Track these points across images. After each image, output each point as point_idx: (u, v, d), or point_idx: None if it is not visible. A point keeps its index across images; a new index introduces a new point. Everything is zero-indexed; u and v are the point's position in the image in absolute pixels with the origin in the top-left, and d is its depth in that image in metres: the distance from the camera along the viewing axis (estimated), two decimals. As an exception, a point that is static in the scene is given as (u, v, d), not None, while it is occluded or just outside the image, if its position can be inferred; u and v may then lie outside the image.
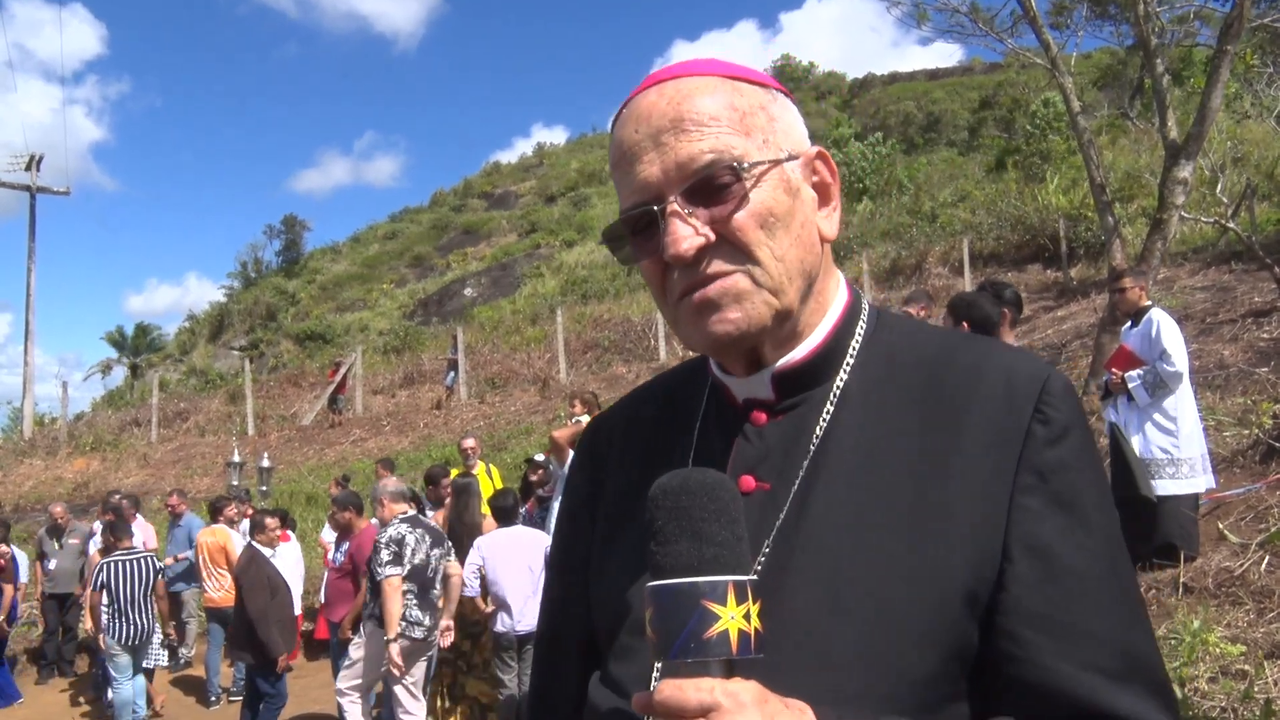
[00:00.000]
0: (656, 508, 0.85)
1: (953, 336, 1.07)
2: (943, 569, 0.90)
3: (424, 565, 6.30)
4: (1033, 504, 0.92)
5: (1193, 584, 5.71)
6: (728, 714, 0.76)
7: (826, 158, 1.04)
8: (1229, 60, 10.85)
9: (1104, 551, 0.93)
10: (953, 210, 25.10)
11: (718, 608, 0.78)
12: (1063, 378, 0.98)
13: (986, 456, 0.94)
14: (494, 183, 62.38)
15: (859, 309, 1.07)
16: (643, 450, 1.12)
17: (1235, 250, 15.26)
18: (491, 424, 19.06)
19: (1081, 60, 20.17)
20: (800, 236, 0.99)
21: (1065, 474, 0.93)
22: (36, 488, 21.03)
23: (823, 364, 1.03)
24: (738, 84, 1.00)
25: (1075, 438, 0.95)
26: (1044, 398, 0.95)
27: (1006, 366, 0.98)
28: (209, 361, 44.59)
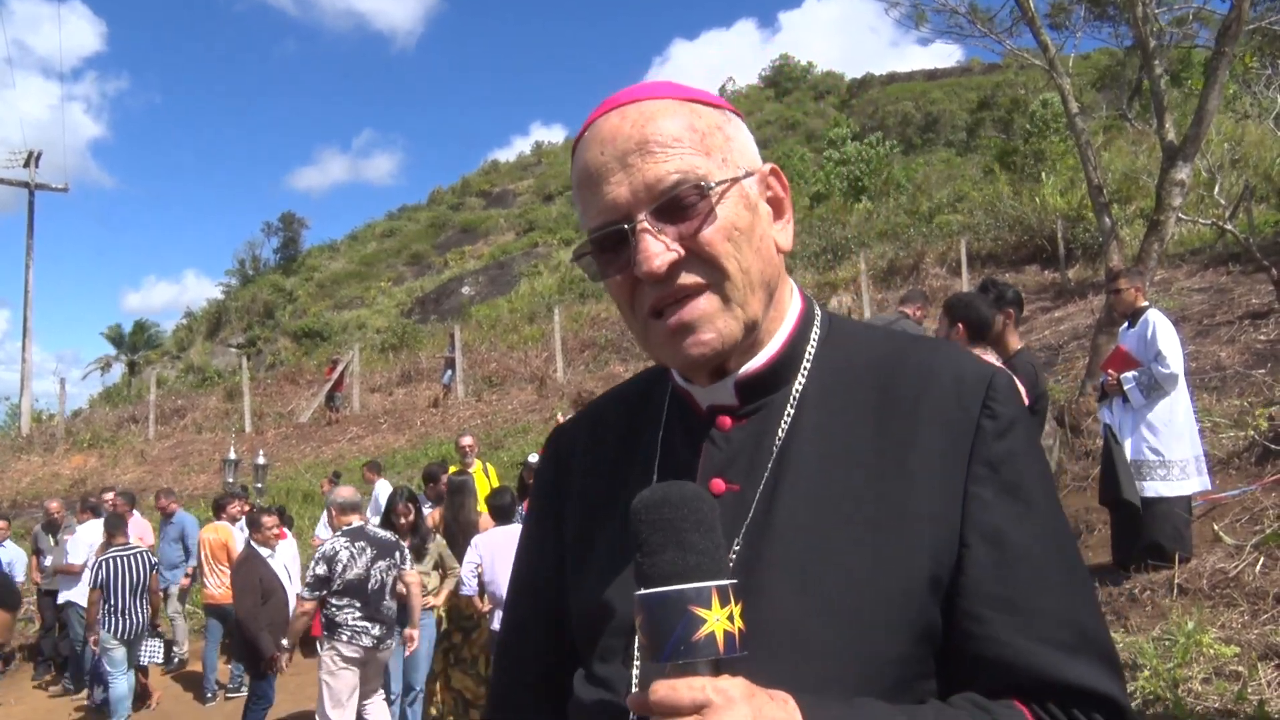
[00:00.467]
0: (640, 521, 0.89)
1: (902, 339, 1.13)
2: (906, 557, 0.96)
3: (362, 578, 6.25)
4: (985, 493, 0.99)
5: (1187, 585, 5.73)
6: (719, 710, 0.81)
7: (779, 173, 1.10)
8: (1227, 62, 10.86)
9: (1051, 534, 1.01)
10: (950, 211, 25.12)
11: (704, 612, 0.83)
12: (1006, 375, 1.06)
13: (940, 450, 1.00)
14: (492, 181, 62.40)
15: (813, 315, 1.13)
16: (608, 457, 1.17)
17: (1233, 252, 15.28)
18: (489, 422, 19.06)
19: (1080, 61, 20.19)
20: (760, 249, 1.03)
21: (1013, 464, 1.00)
22: (34, 484, 21.02)
23: (782, 369, 1.08)
24: (695, 106, 1.04)
25: (1020, 430, 1.02)
26: (990, 394, 1.02)
27: (954, 367, 1.05)
28: (206, 359, 44.59)
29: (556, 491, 1.22)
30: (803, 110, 58.39)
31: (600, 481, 1.16)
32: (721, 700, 0.81)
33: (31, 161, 30.81)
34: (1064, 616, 0.97)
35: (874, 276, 21.76)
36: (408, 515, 7.22)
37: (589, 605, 1.09)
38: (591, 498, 1.16)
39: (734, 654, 0.83)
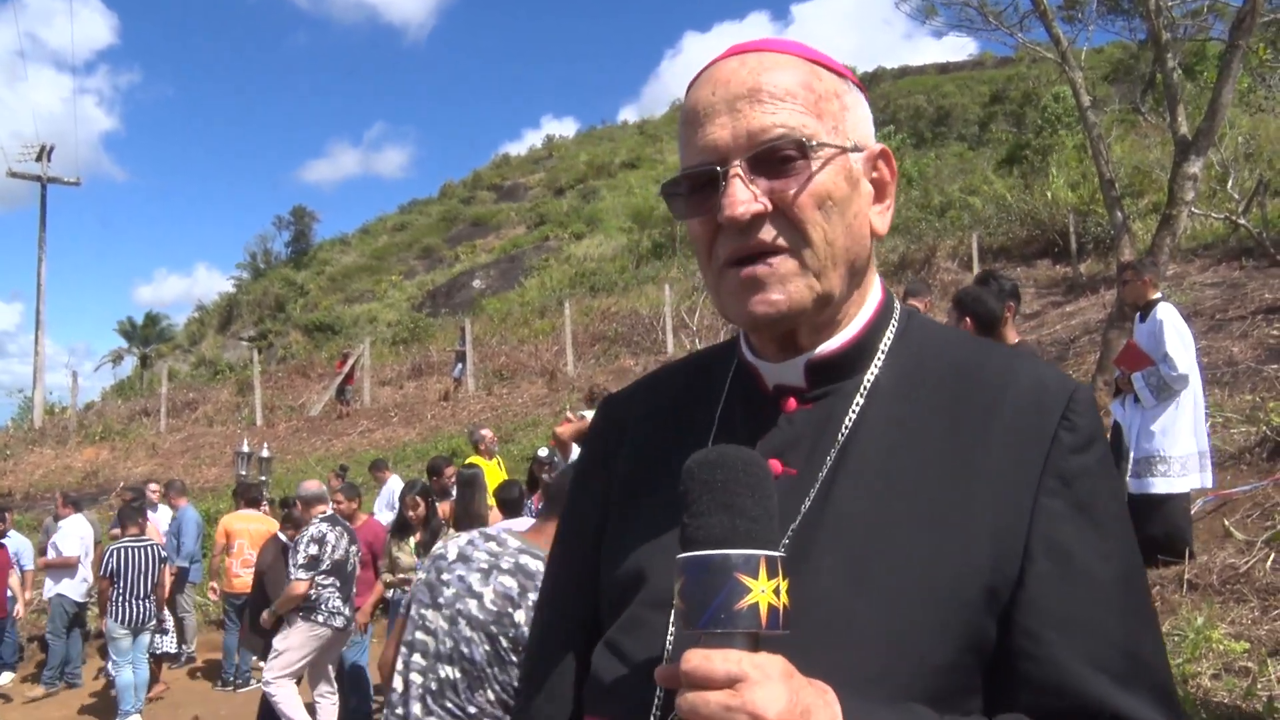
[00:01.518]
0: (691, 480, 0.86)
1: (980, 344, 1.11)
2: (965, 561, 0.93)
3: (344, 560, 6.65)
4: (1055, 506, 0.95)
5: (1197, 580, 5.70)
6: (755, 685, 0.77)
7: (889, 156, 1.07)
8: (1241, 55, 10.79)
9: (1120, 559, 0.96)
10: (962, 205, 25.04)
11: (749, 580, 0.79)
12: (1089, 390, 1.02)
13: (1012, 459, 0.96)
14: (503, 175, 62.43)
15: (892, 307, 1.10)
16: (662, 427, 1.13)
17: (1246, 246, 15.19)
18: (499, 416, 19.09)
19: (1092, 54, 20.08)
20: (852, 226, 1.01)
21: (1087, 481, 0.96)
22: (46, 476, 21.16)
23: (856, 356, 1.05)
24: (817, 68, 1.02)
25: (1098, 448, 0.99)
26: (1071, 406, 0.98)
27: (1036, 376, 1.02)
28: (218, 352, 44.81)
29: (604, 463, 1.18)
30: (814, 104, 58.24)
31: (650, 452, 1.11)
32: (758, 676, 0.78)
33: (44, 155, 30.96)
34: (1122, 644, 0.93)
35: (885, 270, 21.70)
36: (416, 509, 7.21)
37: (623, 572, 1.05)
38: (639, 468, 1.12)
39: (775, 630, 0.80)
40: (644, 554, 1.03)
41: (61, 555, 10.09)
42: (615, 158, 56.47)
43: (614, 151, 58.37)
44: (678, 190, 1.02)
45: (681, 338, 21.11)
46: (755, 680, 0.77)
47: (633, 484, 1.12)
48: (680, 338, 21.15)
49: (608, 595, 1.08)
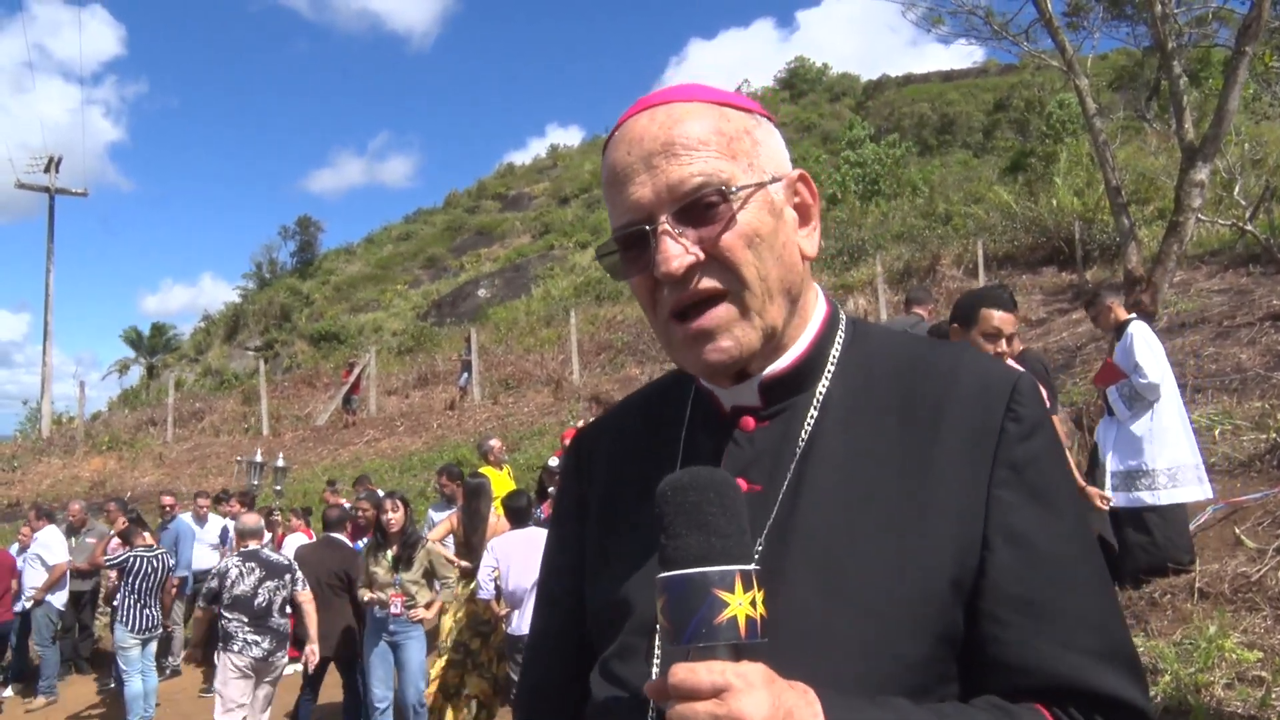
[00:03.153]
0: (665, 503, 0.91)
1: (925, 343, 1.13)
2: (929, 559, 0.96)
3: (249, 595, 6.80)
4: (1008, 496, 0.99)
5: (1209, 589, 5.68)
6: (739, 693, 0.82)
7: (808, 180, 1.10)
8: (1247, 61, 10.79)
9: (1076, 538, 1.00)
10: (966, 212, 25.02)
11: (727, 595, 0.84)
12: (1030, 378, 1.05)
13: (964, 453, 1.00)
14: (508, 184, 62.49)
15: (837, 320, 1.14)
16: (631, 457, 1.18)
17: (1253, 253, 15.14)
18: (505, 425, 19.08)
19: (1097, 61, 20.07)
20: (782, 256, 1.04)
21: (1037, 467, 1.00)
22: (54, 486, 21.18)
23: (806, 372, 1.09)
24: (724, 110, 1.05)
25: (1044, 433, 1.02)
26: (1015, 397, 1.02)
27: (980, 371, 1.05)
28: (224, 361, 44.86)
29: (579, 494, 1.23)
30: (818, 112, 58.22)
31: (622, 482, 1.16)
32: (741, 684, 0.82)
33: (52, 167, 31.06)
34: (1089, 621, 0.97)
35: (890, 279, 21.68)
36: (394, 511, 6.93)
37: (609, 603, 1.09)
38: (614, 498, 1.17)
39: (755, 639, 0.85)
40: (628, 582, 1.08)
41: (51, 567, 10.14)
42: (620, 166, 56.44)
43: (619, 160, 58.31)
44: (612, 251, 1.06)
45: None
46: (739, 689, 0.82)
47: (608, 515, 1.17)
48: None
49: (596, 623, 1.13)
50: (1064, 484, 1.03)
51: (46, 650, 10.12)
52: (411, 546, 6.97)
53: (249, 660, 6.76)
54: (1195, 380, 10.04)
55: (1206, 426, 8.40)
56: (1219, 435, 8.14)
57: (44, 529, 10.53)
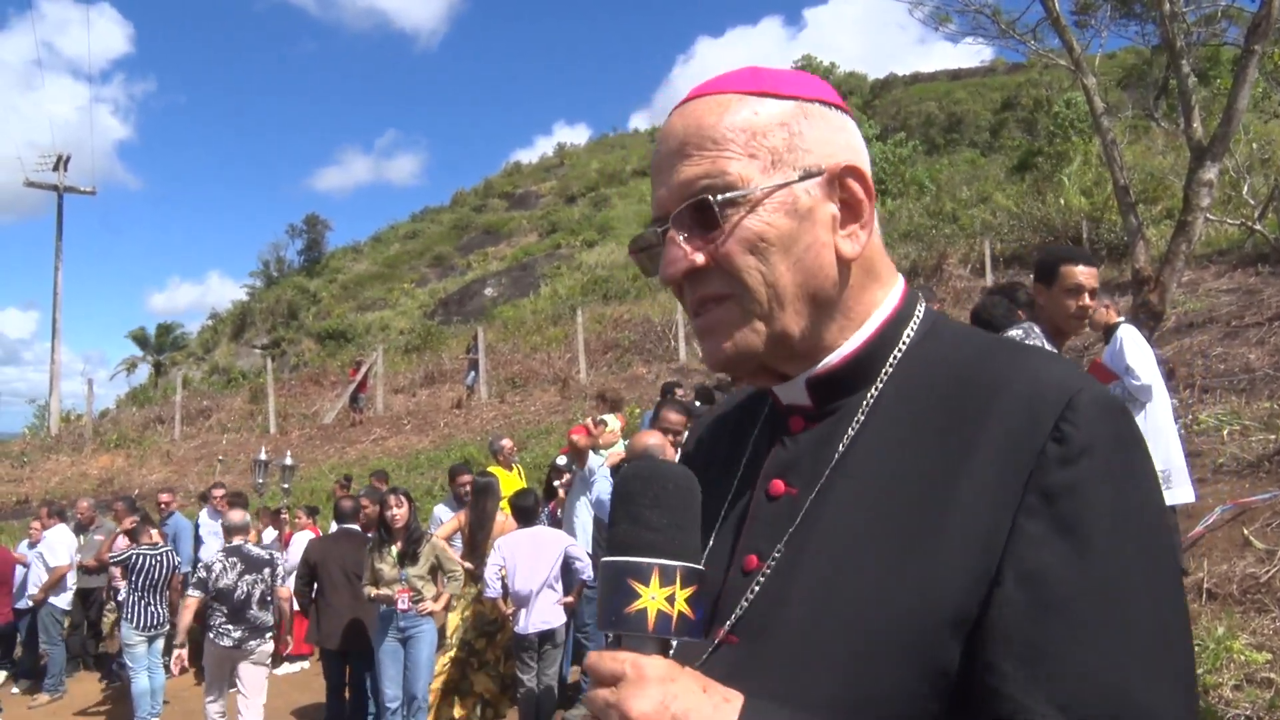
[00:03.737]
0: (614, 492, 0.92)
1: (992, 344, 1.01)
2: (933, 588, 0.87)
3: (230, 588, 7.24)
4: (1033, 528, 0.85)
5: (1217, 590, 5.67)
6: (628, 685, 0.83)
7: (857, 173, 1.00)
8: (1256, 60, 10.76)
9: (1109, 584, 0.84)
10: (973, 211, 24.98)
11: (640, 587, 0.85)
12: (1096, 391, 0.89)
13: (996, 474, 0.88)
14: (515, 183, 62.56)
15: (907, 317, 1.04)
16: (716, 453, 1.17)
17: (1262, 252, 15.10)
18: (512, 424, 19.10)
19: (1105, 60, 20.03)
20: (802, 260, 0.98)
21: (1074, 497, 0.85)
22: (62, 484, 21.28)
23: (859, 371, 1.01)
24: (760, 100, 1.00)
25: (1095, 459, 0.86)
26: (1066, 413, 0.87)
27: (1034, 378, 0.91)
28: (231, 360, 45.00)
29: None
30: (825, 111, 58.20)
31: (706, 469, 1.11)
32: (634, 676, 0.82)
33: (61, 165, 31.18)
34: (1100, 680, 0.82)
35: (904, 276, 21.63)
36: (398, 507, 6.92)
37: None
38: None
39: (666, 636, 0.85)
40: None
41: (52, 568, 10.18)
42: (627, 165, 56.55)
43: (625, 159, 58.45)
44: (638, 249, 1.07)
45: (694, 345, 21.09)
46: (630, 680, 0.82)
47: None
48: (693, 345, 21.13)
49: None
50: (1107, 520, 0.85)
51: (54, 649, 10.17)
52: (416, 542, 6.96)
53: (220, 648, 7.29)
54: (1203, 380, 10.02)
55: (1215, 427, 8.38)
56: (1227, 435, 8.11)
57: (53, 528, 10.57)
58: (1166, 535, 0.90)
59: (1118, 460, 0.87)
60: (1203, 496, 7.05)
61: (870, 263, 1.03)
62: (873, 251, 1.03)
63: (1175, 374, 10.41)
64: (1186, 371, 10.44)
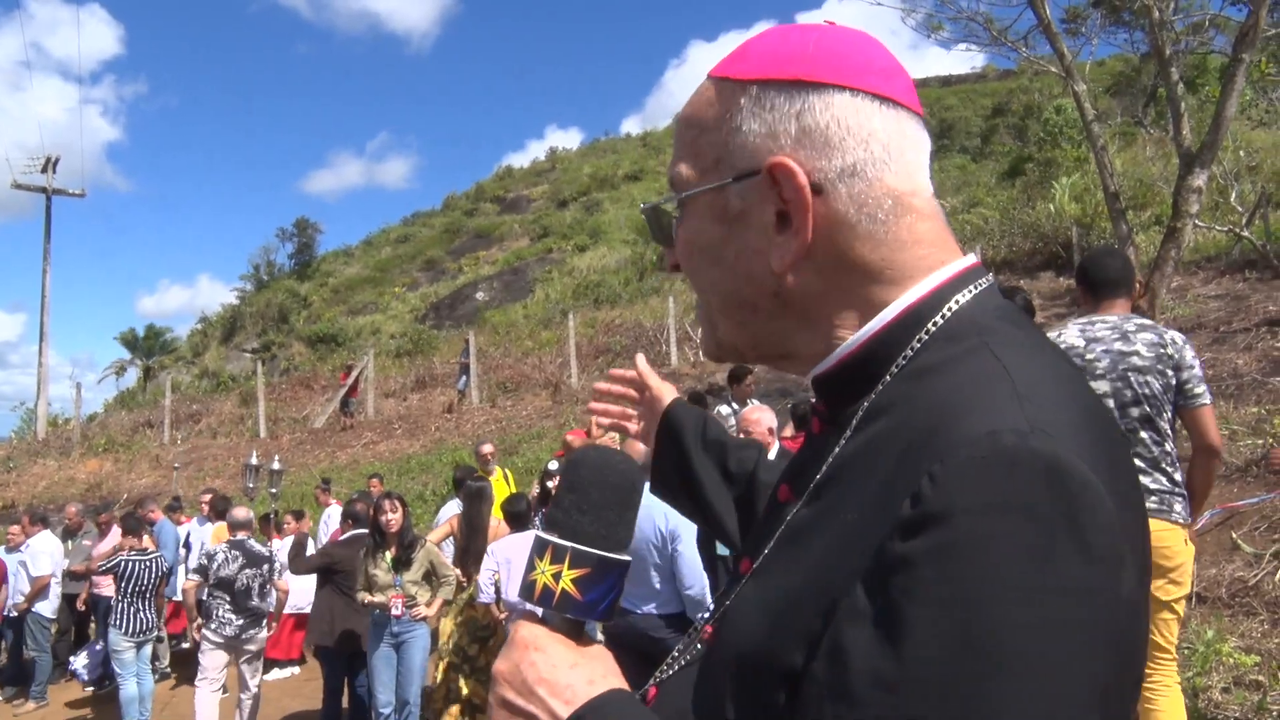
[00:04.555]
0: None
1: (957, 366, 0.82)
2: (781, 638, 0.79)
3: (231, 578, 7.52)
4: (859, 599, 0.71)
5: (1206, 594, 5.71)
6: (504, 647, 0.90)
7: (784, 170, 0.85)
8: (1244, 69, 10.83)
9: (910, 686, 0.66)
10: (964, 217, 25.07)
11: (537, 560, 0.91)
12: (991, 448, 0.69)
13: (872, 519, 0.75)
14: (506, 187, 62.57)
15: (915, 325, 0.86)
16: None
17: (1249, 259, 15.20)
18: (503, 428, 19.09)
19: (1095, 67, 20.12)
20: (734, 267, 0.90)
21: (906, 574, 0.68)
22: (50, 488, 21.17)
23: (859, 376, 0.88)
24: (721, 84, 0.91)
25: (945, 532, 0.67)
26: (936, 468, 0.70)
27: (947, 414, 0.75)
28: (221, 363, 44.84)
29: None
30: (816, 116, 58.39)
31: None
32: (510, 639, 0.89)
33: (49, 167, 31.04)
34: None
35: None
36: (393, 512, 6.90)
37: None
38: None
39: (546, 608, 0.90)
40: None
41: (34, 578, 10.13)
42: (618, 170, 56.61)
43: (617, 164, 58.51)
44: None
45: (685, 350, 21.12)
46: (507, 643, 0.90)
47: None
48: (684, 350, 21.16)
49: None
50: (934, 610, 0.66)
51: (42, 656, 10.12)
52: (410, 547, 6.93)
53: (223, 637, 7.49)
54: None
55: (1204, 432, 8.41)
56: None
57: (37, 535, 10.49)
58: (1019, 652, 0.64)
59: (977, 537, 0.66)
60: (1192, 501, 7.09)
61: (860, 265, 0.88)
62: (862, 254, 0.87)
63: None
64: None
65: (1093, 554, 0.66)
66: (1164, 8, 11.71)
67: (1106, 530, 0.67)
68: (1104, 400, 0.79)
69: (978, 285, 0.89)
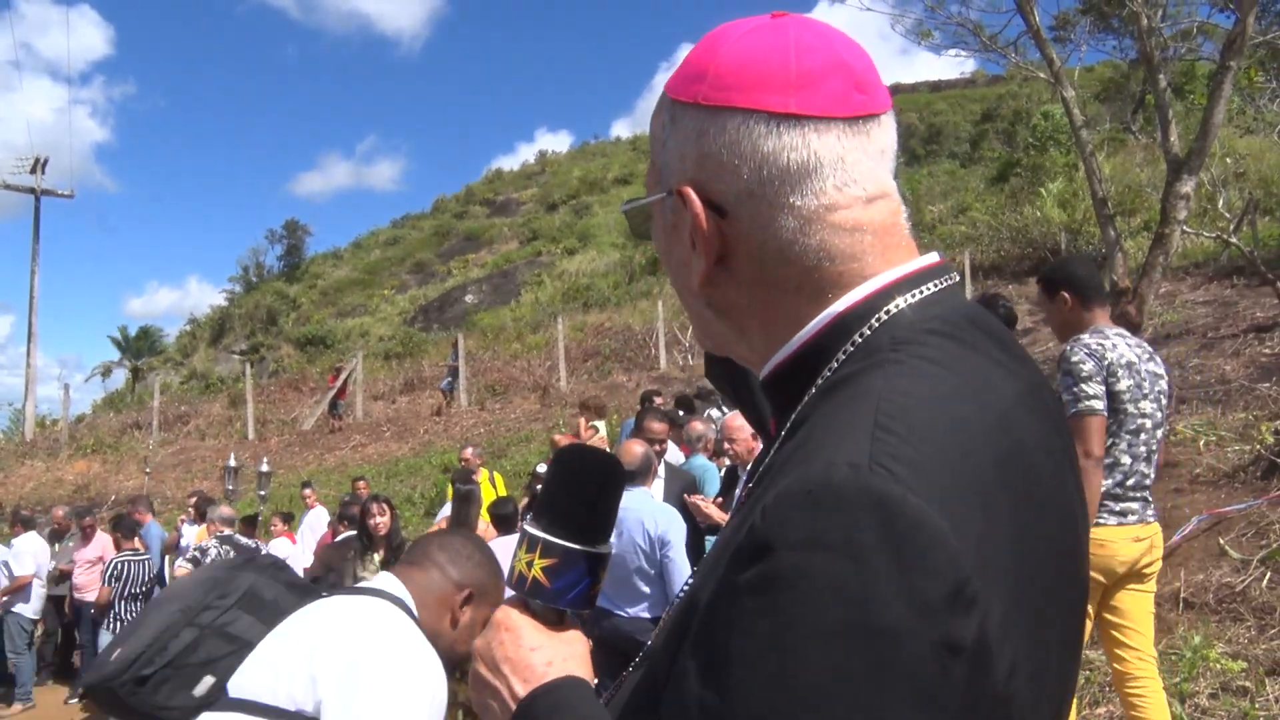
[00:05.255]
0: None
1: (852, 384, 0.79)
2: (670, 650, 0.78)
3: None
4: (699, 625, 0.73)
5: (1193, 599, 5.72)
6: (488, 627, 0.93)
7: (684, 195, 0.87)
8: (1232, 75, 10.89)
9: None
10: (953, 222, 25.15)
11: (519, 550, 0.95)
12: (822, 481, 0.68)
13: (722, 549, 0.77)
14: (496, 190, 62.53)
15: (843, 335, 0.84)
16: None
17: (1237, 265, 15.26)
18: (492, 431, 19.06)
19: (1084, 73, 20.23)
20: (677, 275, 0.94)
21: (731, 605, 0.68)
22: (38, 489, 21.04)
23: (790, 387, 0.87)
24: (661, 98, 0.93)
25: (768, 566, 0.66)
26: (769, 503, 0.69)
27: (814, 437, 0.74)
28: (210, 365, 44.68)
29: None
30: (806, 121, 58.53)
31: None
32: (490, 621, 0.93)
33: (38, 167, 30.89)
34: None
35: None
36: (381, 515, 6.88)
37: None
38: None
39: (519, 592, 0.93)
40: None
41: (15, 577, 10.06)
42: (608, 173, 56.64)
43: (606, 167, 58.55)
44: None
45: (675, 354, 21.12)
46: (490, 622, 0.93)
47: None
48: (673, 354, 21.16)
49: None
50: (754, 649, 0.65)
51: (21, 658, 10.04)
52: (399, 549, 6.93)
53: None
54: (1180, 391, 10.10)
55: (1191, 437, 8.45)
56: (1204, 446, 8.19)
57: (22, 536, 10.42)
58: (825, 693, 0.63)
59: (796, 573, 0.65)
60: (1179, 506, 7.12)
61: (774, 281, 0.87)
62: (773, 269, 0.86)
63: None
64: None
65: (915, 598, 0.63)
66: (1152, 15, 11.78)
67: (937, 574, 0.64)
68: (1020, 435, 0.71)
69: (924, 290, 0.85)
